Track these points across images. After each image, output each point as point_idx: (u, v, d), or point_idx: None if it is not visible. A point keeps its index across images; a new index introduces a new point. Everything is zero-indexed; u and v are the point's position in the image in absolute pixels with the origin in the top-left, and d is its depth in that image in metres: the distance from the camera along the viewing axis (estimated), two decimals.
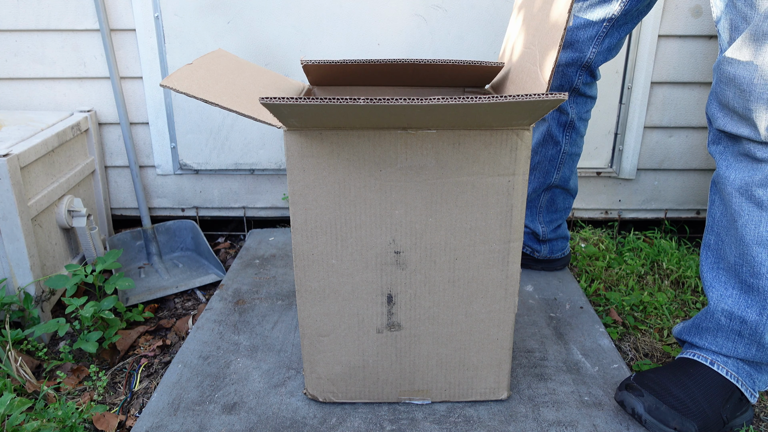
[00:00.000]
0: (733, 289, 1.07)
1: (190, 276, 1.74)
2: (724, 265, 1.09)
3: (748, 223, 1.02)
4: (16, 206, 1.36)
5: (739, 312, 1.05)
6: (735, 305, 1.06)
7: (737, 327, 1.06)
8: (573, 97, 1.39)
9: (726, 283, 1.08)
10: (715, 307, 1.09)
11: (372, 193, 0.97)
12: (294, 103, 0.77)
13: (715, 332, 1.10)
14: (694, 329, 1.14)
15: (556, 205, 1.55)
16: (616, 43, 1.32)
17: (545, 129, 1.44)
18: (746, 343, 1.06)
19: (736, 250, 1.05)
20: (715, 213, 1.10)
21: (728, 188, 1.04)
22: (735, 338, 1.07)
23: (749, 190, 1.01)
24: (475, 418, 1.11)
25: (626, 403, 1.09)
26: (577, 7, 1.27)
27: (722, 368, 1.09)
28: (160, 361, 1.38)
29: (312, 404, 1.14)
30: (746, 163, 1.02)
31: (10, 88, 1.80)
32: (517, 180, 0.96)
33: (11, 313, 1.39)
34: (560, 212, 1.57)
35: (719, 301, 1.08)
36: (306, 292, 1.04)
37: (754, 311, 1.04)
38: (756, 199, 1.00)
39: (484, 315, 1.06)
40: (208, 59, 1.05)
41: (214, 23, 1.72)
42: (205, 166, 1.88)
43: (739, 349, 1.07)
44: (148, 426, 1.10)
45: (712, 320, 1.10)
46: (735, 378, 1.08)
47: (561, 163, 1.47)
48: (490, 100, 0.77)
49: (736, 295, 1.06)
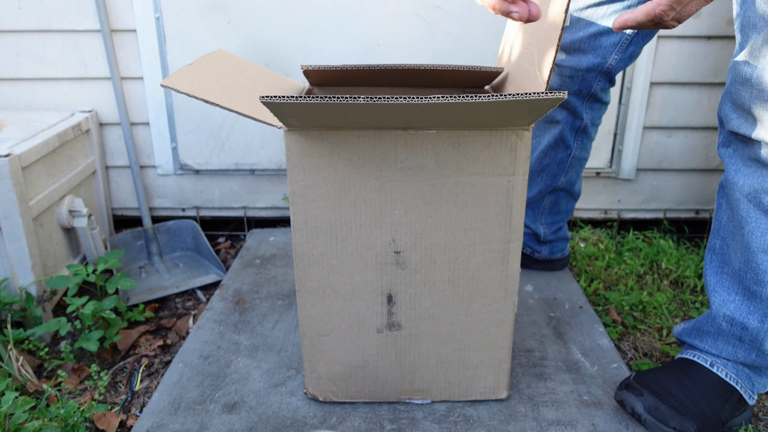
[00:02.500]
0: (736, 295, 1.06)
1: (190, 276, 1.74)
2: (728, 270, 1.08)
3: (754, 230, 1.01)
4: (18, 206, 1.36)
5: (740, 318, 1.05)
6: (737, 311, 1.06)
7: (738, 333, 1.06)
8: (589, 102, 1.37)
9: (729, 289, 1.07)
10: (717, 312, 1.09)
11: (372, 193, 0.97)
12: (294, 102, 0.78)
13: (715, 336, 1.10)
14: (695, 332, 1.14)
15: (559, 207, 1.55)
16: (639, 51, 1.29)
17: (558, 132, 1.41)
18: (746, 348, 1.06)
19: (741, 256, 1.04)
20: (722, 217, 1.09)
21: (736, 194, 1.03)
22: (735, 343, 1.07)
23: (758, 197, 1.00)
24: (475, 417, 1.11)
25: (626, 402, 1.09)
26: (601, 13, 1.22)
27: (722, 370, 1.09)
28: (160, 361, 1.39)
29: (312, 404, 1.15)
30: (756, 168, 1.00)
31: (11, 88, 1.80)
32: (516, 180, 0.97)
33: (13, 312, 1.40)
34: (562, 215, 1.57)
35: (721, 306, 1.08)
36: (306, 291, 1.05)
37: (755, 318, 1.04)
38: (764, 206, 0.99)
39: (483, 315, 1.06)
40: (208, 59, 1.05)
41: (215, 24, 1.72)
42: (206, 166, 1.89)
43: (739, 354, 1.07)
44: (148, 425, 1.10)
45: (713, 324, 1.10)
46: (734, 380, 1.08)
47: (569, 167, 1.46)
48: (489, 99, 0.78)
49: (738, 300, 1.06)
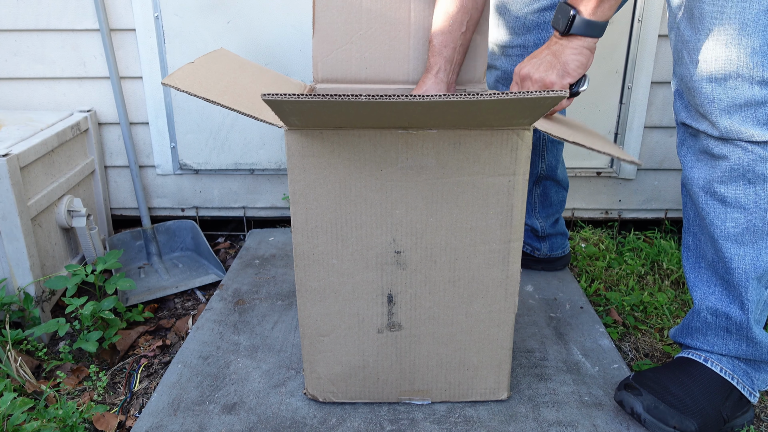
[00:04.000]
0: (716, 287, 1.09)
1: (190, 276, 1.74)
2: (704, 264, 1.11)
3: (714, 220, 1.05)
4: (16, 206, 1.36)
5: (723, 308, 1.07)
6: (718, 302, 1.08)
7: (724, 323, 1.08)
8: None
9: (708, 281, 1.10)
10: (699, 306, 1.11)
11: (373, 193, 0.97)
12: (296, 99, 0.77)
13: (704, 331, 1.11)
14: (686, 331, 1.15)
15: (550, 198, 1.55)
16: None
17: None
18: (735, 339, 1.07)
19: (711, 248, 1.08)
20: (689, 214, 1.13)
21: (694, 188, 1.08)
22: (724, 335, 1.08)
23: (711, 187, 1.04)
24: (475, 418, 1.11)
25: (625, 402, 1.09)
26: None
27: (716, 365, 1.09)
28: (159, 361, 1.38)
29: (312, 404, 1.14)
30: (706, 161, 1.05)
31: (10, 87, 1.80)
32: (517, 180, 0.96)
33: (11, 313, 1.39)
34: (555, 206, 1.56)
35: (703, 300, 1.10)
36: (306, 291, 1.04)
37: (736, 306, 1.06)
38: (719, 196, 1.04)
39: (484, 315, 1.06)
40: (209, 58, 1.05)
41: (214, 23, 1.72)
42: (205, 166, 1.88)
43: (729, 346, 1.08)
44: (147, 426, 1.09)
45: (699, 319, 1.11)
46: (730, 376, 1.08)
47: (544, 150, 1.47)
48: (490, 98, 0.77)
49: (719, 292, 1.08)
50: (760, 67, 0.95)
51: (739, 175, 1.01)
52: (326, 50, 1.20)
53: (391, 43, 1.20)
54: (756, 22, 0.94)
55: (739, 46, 0.95)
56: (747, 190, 1.01)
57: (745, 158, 1.00)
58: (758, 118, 0.97)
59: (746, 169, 1.00)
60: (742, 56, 0.95)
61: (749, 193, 1.01)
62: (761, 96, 0.96)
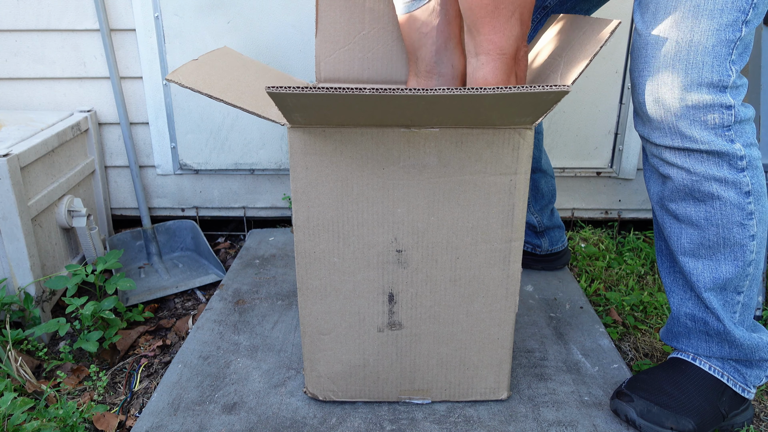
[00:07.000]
0: (692, 292, 1.07)
1: (190, 276, 1.74)
2: (678, 269, 1.10)
3: (671, 234, 1.05)
4: (16, 206, 1.36)
5: (700, 314, 1.06)
6: (695, 308, 1.07)
7: (703, 328, 1.07)
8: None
9: (684, 286, 1.09)
10: (678, 312, 1.10)
11: (374, 192, 0.97)
12: (300, 93, 0.77)
13: (687, 335, 1.10)
14: (670, 334, 1.14)
15: (541, 190, 1.54)
16: None
17: None
18: (717, 342, 1.06)
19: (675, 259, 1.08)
20: (656, 221, 1.13)
21: (652, 201, 1.08)
22: (706, 338, 1.07)
23: (663, 203, 1.04)
24: (475, 418, 1.11)
25: (619, 411, 1.08)
26: None
27: (705, 363, 1.08)
28: (160, 361, 1.38)
29: (312, 404, 1.14)
30: (657, 177, 1.04)
31: (10, 88, 1.80)
32: (519, 179, 0.96)
33: (11, 313, 1.39)
34: (547, 197, 1.55)
35: (681, 305, 1.09)
36: (307, 290, 1.04)
37: (709, 314, 1.05)
38: (671, 212, 1.03)
39: (484, 314, 1.06)
40: (213, 56, 1.05)
41: (214, 23, 1.72)
42: (205, 166, 1.88)
43: (713, 348, 1.07)
44: (148, 426, 1.09)
45: (680, 324, 1.10)
46: (720, 374, 1.07)
47: None
48: (494, 92, 0.77)
49: (694, 297, 1.07)
50: (710, 68, 0.91)
51: (687, 195, 0.99)
52: (329, 50, 1.21)
53: (394, 43, 1.20)
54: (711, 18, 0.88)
55: (690, 44, 0.91)
56: (697, 208, 0.99)
57: (688, 179, 0.98)
58: (706, 123, 0.94)
59: (692, 189, 0.98)
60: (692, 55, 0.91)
61: (700, 210, 0.99)
62: (710, 99, 0.92)
